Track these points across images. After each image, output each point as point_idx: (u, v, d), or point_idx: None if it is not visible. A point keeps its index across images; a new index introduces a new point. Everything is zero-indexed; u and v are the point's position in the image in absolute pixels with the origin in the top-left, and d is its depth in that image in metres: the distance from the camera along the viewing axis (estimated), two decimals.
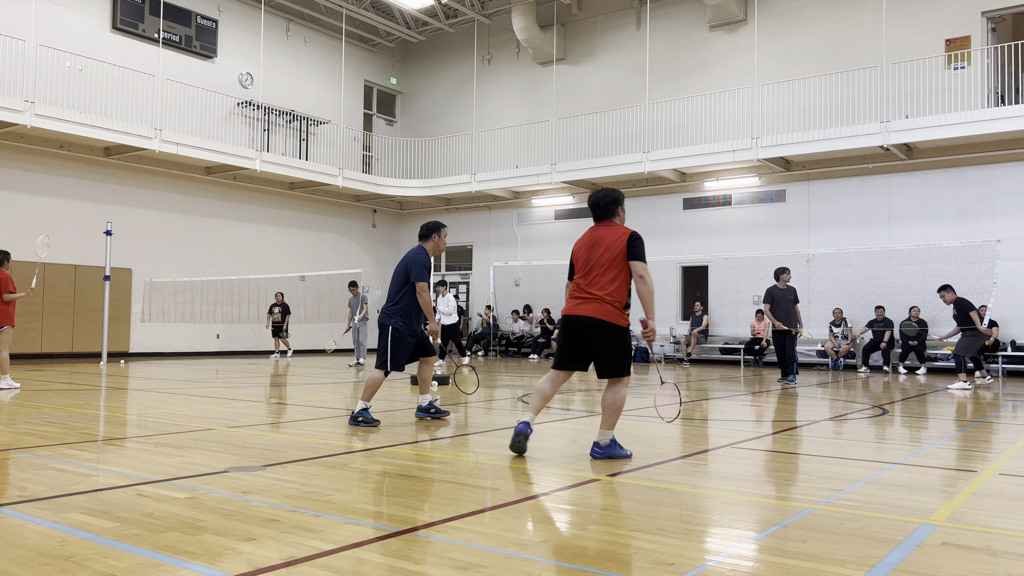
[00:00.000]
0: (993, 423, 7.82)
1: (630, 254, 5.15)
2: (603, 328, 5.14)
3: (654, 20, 20.33)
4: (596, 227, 5.45)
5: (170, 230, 19.25)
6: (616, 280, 5.16)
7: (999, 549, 3.24)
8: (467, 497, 4.09)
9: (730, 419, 8.05)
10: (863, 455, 5.69)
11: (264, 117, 21.13)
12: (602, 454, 5.21)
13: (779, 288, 12.71)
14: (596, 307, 5.15)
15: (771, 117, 18.11)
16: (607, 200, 5.43)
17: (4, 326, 10.17)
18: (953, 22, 16.53)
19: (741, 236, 18.79)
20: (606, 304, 5.13)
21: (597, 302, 5.15)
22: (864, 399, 10.14)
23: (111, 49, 18.19)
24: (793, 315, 12.54)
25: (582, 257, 5.35)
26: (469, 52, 23.77)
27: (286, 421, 7.38)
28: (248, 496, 3.98)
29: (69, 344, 17.29)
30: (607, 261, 5.17)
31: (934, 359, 16.11)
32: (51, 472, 4.59)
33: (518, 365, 17.49)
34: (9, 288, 10.18)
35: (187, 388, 10.55)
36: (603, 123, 20.51)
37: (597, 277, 5.20)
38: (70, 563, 2.86)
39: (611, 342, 5.16)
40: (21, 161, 16.70)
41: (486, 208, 23.30)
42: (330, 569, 2.84)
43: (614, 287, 5.15)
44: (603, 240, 5.27)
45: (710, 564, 2.99)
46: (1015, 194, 15.71)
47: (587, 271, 5.27)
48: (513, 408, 8.67)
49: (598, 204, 5.47)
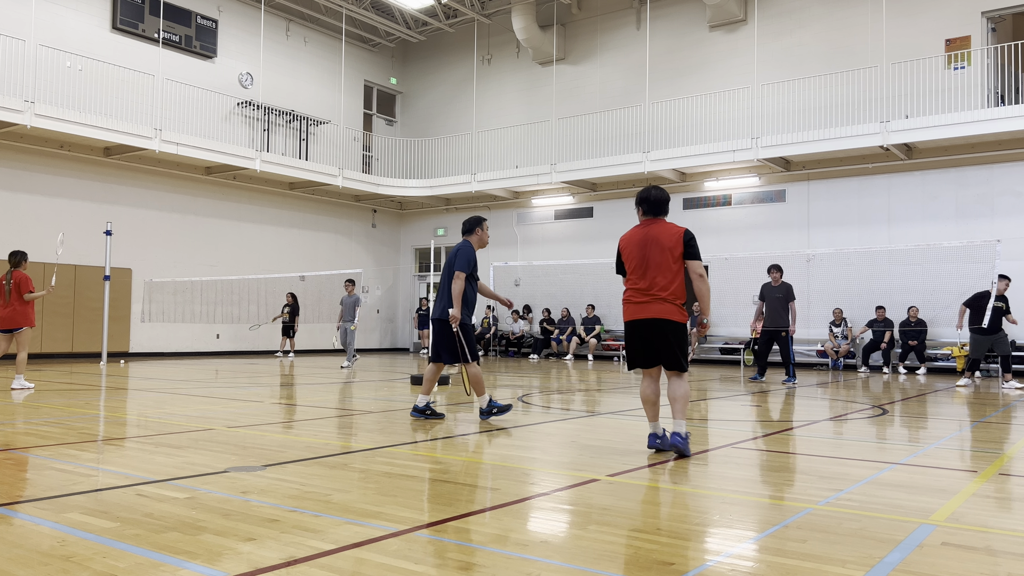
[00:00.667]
0: (993, 423, 7.82)
1: (687, 253, 5.31)
2: (668, 326, 5.34)
3: (654, 20, 20.33)
4: (646, 224, 5.52)
5: (170, 230, 19.25)
6: (676, 279, 5.32)
7: (999, 549, 3.24)
8: (467, 497, 4.09)
9: (730, 419, 8.05)
10: (863, 455, 5.69)
11: (264, 117, 21.13)
12: (683, 443, 5.25)
13: (771, 286, 12.53)
14: (660, 307, 5.32)
15: (771, 117, 18.11)
16: (662, 198, 5.54)
17: (24, 327, 10.18)
18: (953, 22, 16.53)
19: (741, 236, 18.80)
20: (668, 304, 5.32)
21: (660, 303, 5.33)
22: (864, 399, 10.14)
23: (111, 49, 18.18)
24: (784, 315, 12.25)
25: (635, 255, 5.43)
26: (469, 52, 23.77)
27: (286, 421, 7.38)
28: (248, 496, 3.98)
29: (69, 344, 17.29)
30: (665, 261, 5.31)
31: (934, 359, 16.11)
32: (51, 472, 4.59)
33: (518, 365, 17.49)
34: (28, 288, 10.19)
35: (187, 388, 10.55)
36: (603, 123, 20.51)
37: (657, 277, 5.33)
38: (70, 563, 2.86)
39: (675, 338, 5.35)
40: (21, 161, 16.70)
41: (486, 208, 23.29)
42: (330, 569, 2.84)
43: (675, 286, 5.32)
44: (657, 238, 5.37)
45: (710, 564, 2.99)
46: (1015, 194, 15.71)
47: (643, 271, 5.39)
48: (513, 409, 8.66)
49: (653, 200, 5.52)
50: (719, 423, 7.66)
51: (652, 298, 5.33)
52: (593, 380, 13.11)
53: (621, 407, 8.33)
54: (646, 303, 5.35)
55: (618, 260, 5.62)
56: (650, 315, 5.33)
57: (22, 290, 10.11)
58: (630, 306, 5.47)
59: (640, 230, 5.50)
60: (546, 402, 9.34)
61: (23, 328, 10.17)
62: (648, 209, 5.53)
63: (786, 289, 12.43)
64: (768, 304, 12.46)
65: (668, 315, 5.30)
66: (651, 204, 5.51)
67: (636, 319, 5.43)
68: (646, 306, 5.35)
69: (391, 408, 8.15)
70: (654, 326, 5.34)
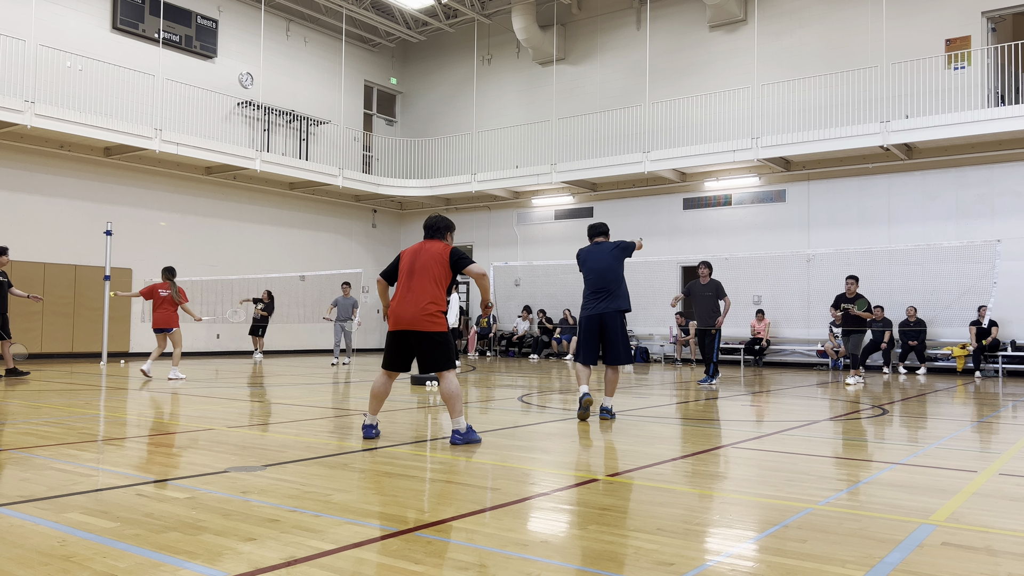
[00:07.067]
0: (993, 423, 7.82)
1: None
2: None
3: (654, 20, 20.33)
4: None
5: (170, 230, 19.24)
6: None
7: (999, 549, 3.24)
8: (467, 497, 4.09)
9: (730, 419, 8.05)
10: (863, 455, 5.69)
11: (264, 117, 21.13)
12: (461, 439, 5.74)
13: (699, 283, 12.06)
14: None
15: (771, 117, 18.11)
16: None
17: (173, 328, 12.02)
18: (953, 22, 16.53)
19: (741, 236, 18.79)
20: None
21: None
22: (864, 399, 10.13)
23: (111, 49, 18.18)
24: (713, 314, 11.84)
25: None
26: (469, 52, 23.77)
27: (286, 421, 7.38)
28: (248, 496, 3.98)
29: (69, 344, 17.29)
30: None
31: (934, 359, 16.11)
32: (51, 472, 4.59)
33: (518, 365, 17.49)
34: (183, 298, 12.19)
35: (187, 388, 10.55)
36: (603, 123, 20.51)
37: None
38: (70, 563, 2.86)
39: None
40: (21, 161, 16.70)
41: (486, 208, 23.30)
42: (330, 569, 2.84)
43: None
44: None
45: (710, 564, 2.99)
46: (1015, 194, 15.70)
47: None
48: (513, 409, 8.66)
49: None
50: (719, 423, 7.66)
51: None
52: (593, 380, 13.11)
53: (621, 407, 8.33)
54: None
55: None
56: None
57: (182, 299, 12.19)
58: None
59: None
60: (546, 402, 9.34)
61: (173, 329, 12.09)
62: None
63: (715, 287, 11.95)
64: (698, 303, 12.05)
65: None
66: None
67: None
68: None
69: (391, 408, 8.15)
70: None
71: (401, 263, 5.91)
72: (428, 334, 5.68)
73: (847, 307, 12.43)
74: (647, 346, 19.79)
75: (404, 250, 6.04)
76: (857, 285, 12.65)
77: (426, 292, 5.68)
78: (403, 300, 5.74)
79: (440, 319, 5.73)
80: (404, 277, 5.82)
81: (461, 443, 5.69)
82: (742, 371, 16.18)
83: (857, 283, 12.68)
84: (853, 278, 12.69)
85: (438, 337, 5.70)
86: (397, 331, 5.79)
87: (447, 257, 5.78)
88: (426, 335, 5.68)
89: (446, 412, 7.91)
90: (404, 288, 5.79)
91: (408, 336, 5.74)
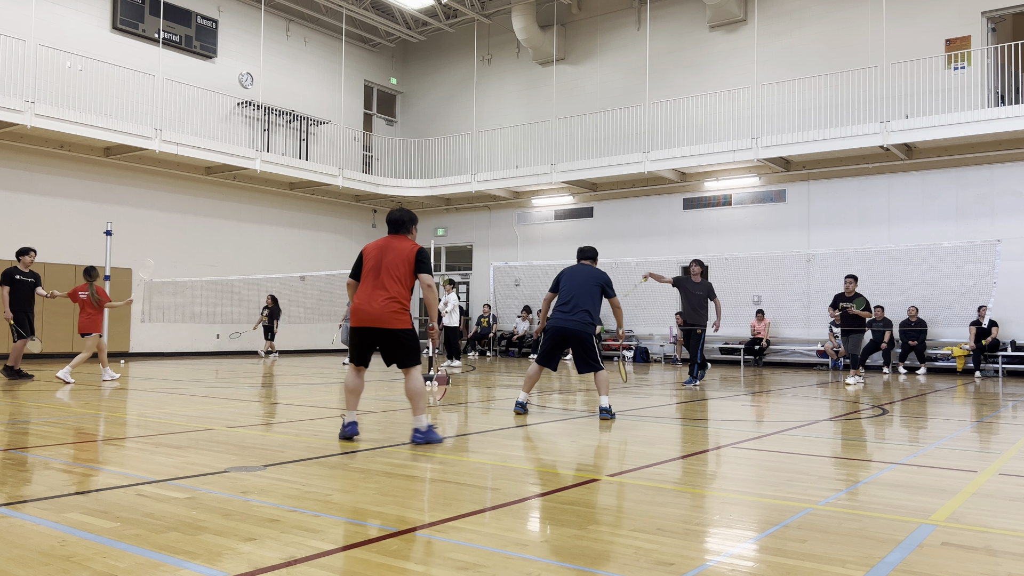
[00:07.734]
0: (993, 423, 7.82)
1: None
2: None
3: (654, 20, 20.33)
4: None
5: (170, 230, 19.24)
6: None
7: (999, 549, 3.24)
8: (467, 497, 4.09)
9: (730, 419, 8.05)
10: (863, 455, 5.69)
11: (264, 117, 21.13)
12: (421, 438, 5.77)
13: (691, 280, 11.88)
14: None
15: (771, 117, 18.11)
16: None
17: (92, 332, 11.94)
18: (953, 22, 16.53)
19: (741, 236, 18.79)
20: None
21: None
22: (864, 399, 10.14)
23: (111, 49, 18.18)
24: (703, 313, 11.66)
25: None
26: (469, 52, 23.76)
27: (286, 421, 7.38)
28: (248, 496, 3.98)
29: (69, 344, 17.26)
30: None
31: (934, 359, 16.11)
32: (51, 472, 4.59)
33: (519, 365, 17.48)
34: (104, 298, 12.07)
35: (187, 388, 10.55)
36: (603, 123, 20.51)
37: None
38: (70, 563, 2.86)
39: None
40: (21, 161, 16.69)
41: (486, 208, 23.30)
42: (330, 569, 2.84)
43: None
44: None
45: (710, 564, 2.99)
46: (1015, 194, 15.70)
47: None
48: (513, 409, 8.66)
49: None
50: (719, 423, 7.66)
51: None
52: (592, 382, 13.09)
53: (621, 407, 8.33)
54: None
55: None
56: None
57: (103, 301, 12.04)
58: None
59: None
60: (546, 402, 9.34)
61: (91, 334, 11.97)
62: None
63: (707, 288, 11.80)
64: (687, 301, 11.88)
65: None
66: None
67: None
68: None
69: (391, 408, 8.15)
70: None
71: (365, 259, 5.91)
72: (395, 331, 5.73)
73: (845, 306, 12.44)
74: (647, 346, 19.79)
75: (367, 245, 6.04)
76: (856, 284, 12.66)
77: (392, 290, 5.72)
78: (370, 297, 5.75)
79: (405, 316, 5.78)
80: (370, 274, 5.81)
81: (422, 442, 5.72)
82: (742, 371, 16.17)
83: (856, 282, 12.69)
84: (852, 277, 12.70)
85: (404, 334, 5.76)
86: (362, 327, 5.79)
87: (413, 259, 5.83)
88: (393, 332, 5.73)
89: (445, 412, 7.92)
90: (370, 285, 5.78)
91: (374, 332, 5.76)
